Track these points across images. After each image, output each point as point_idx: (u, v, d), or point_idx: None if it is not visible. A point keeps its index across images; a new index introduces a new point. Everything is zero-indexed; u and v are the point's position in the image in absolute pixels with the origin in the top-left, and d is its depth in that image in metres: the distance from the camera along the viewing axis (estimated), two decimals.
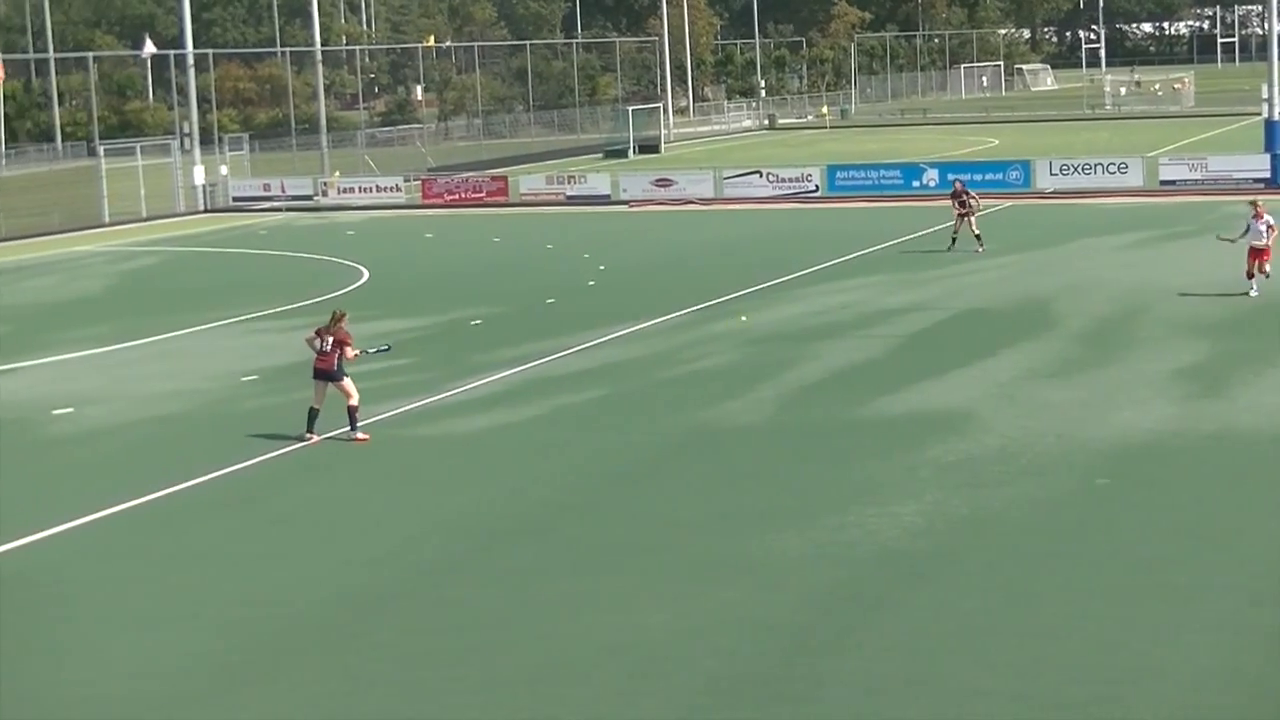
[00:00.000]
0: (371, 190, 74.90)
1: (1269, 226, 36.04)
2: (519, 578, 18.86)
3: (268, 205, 73.80)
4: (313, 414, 25.86)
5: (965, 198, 47.35)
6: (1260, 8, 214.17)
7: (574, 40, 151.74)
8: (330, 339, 25.48)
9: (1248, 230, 36.49)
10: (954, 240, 47.29)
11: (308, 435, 25.81)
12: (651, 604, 17.65)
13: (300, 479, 24.06)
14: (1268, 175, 61.86)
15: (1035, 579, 18.03)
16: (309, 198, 74.44)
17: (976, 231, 47.01)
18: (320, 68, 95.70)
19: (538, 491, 22.86)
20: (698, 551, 19.58)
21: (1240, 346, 31.04)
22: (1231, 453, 23.38)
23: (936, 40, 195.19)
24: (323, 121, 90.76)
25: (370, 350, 26.94)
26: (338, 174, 78.66)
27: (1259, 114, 78.34)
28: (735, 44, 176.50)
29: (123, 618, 17.93)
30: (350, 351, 25.66)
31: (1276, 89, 68.73)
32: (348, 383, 25.59)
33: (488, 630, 17.05)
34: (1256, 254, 36.19)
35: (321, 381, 25.66)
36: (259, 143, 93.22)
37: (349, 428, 25.84)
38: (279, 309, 41.08)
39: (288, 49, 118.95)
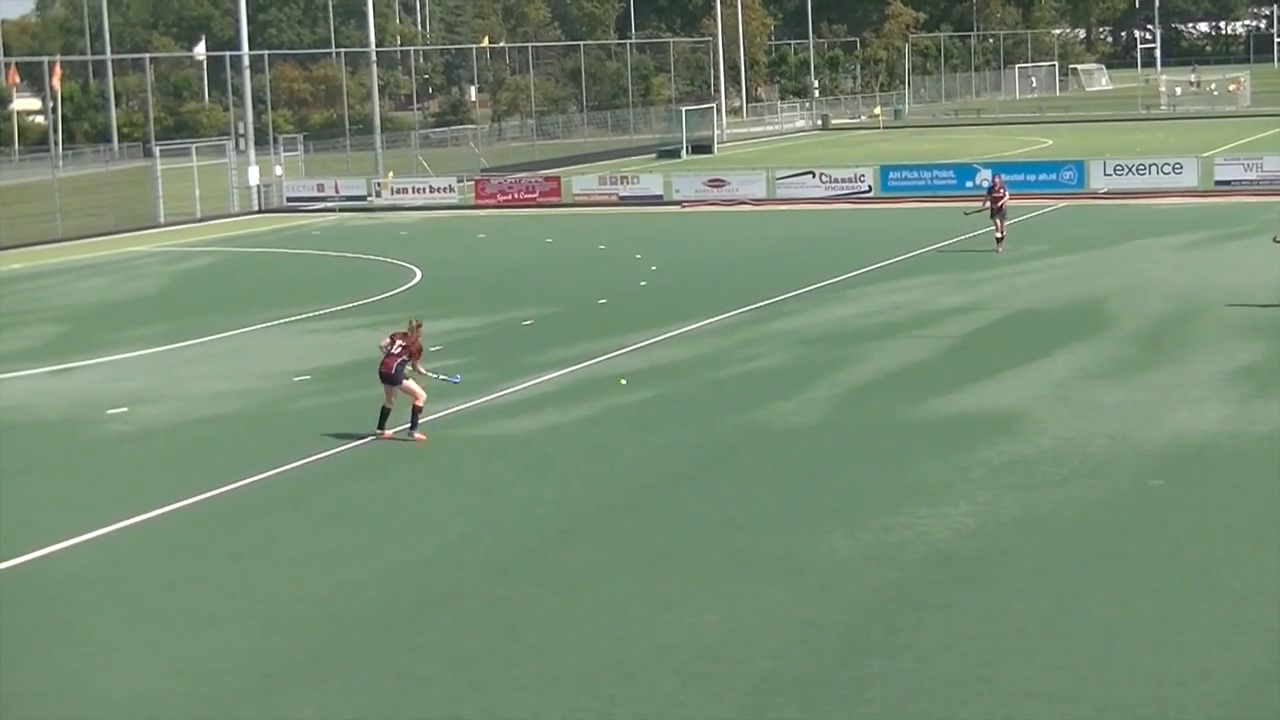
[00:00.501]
0: (425, 191, 75.12)
1: None
2: (572, 578, 18.88)
3: (321, 206, 74.07)
4: (384, 412, 26.01)
5: (1000, 194, 47.32)
6: None
7: (628, 41, 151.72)
8: (400, 343, 25.47)
9: None
10: (999, 240, 47.11)
11: (379, 432, 25.95)
12: (702, 604, 17.66)
13: (353, 478, 24.12)
14: None
15: (1086, 580, 17.97)
16: (362, 198, 74.73)
17: (1000, 235, 46.88)
18: (375, 68, 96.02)
19: (589, 491, 22.90)
20: (748, 552, 19.58)
21: None
22: None
23: (991, 40, 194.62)
24: (376, 122, 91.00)
25: (440, 378, 26.83)
26: (391, 174, 78.91)
27: None
28: (789, 44, 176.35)
29: (179, 615, 18.03)
30: (421, 366, 25.69)
31: None
32: (410, 384, 25.60)
33: (541, 630, 17.07)
34: None
35: (387, 385, 25.75)
36: (313, 143, 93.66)
37: (409, 425, 25.91)
38: (332, 309, 41.24)
39: (343, 50, 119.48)
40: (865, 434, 25.57)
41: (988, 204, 47.74)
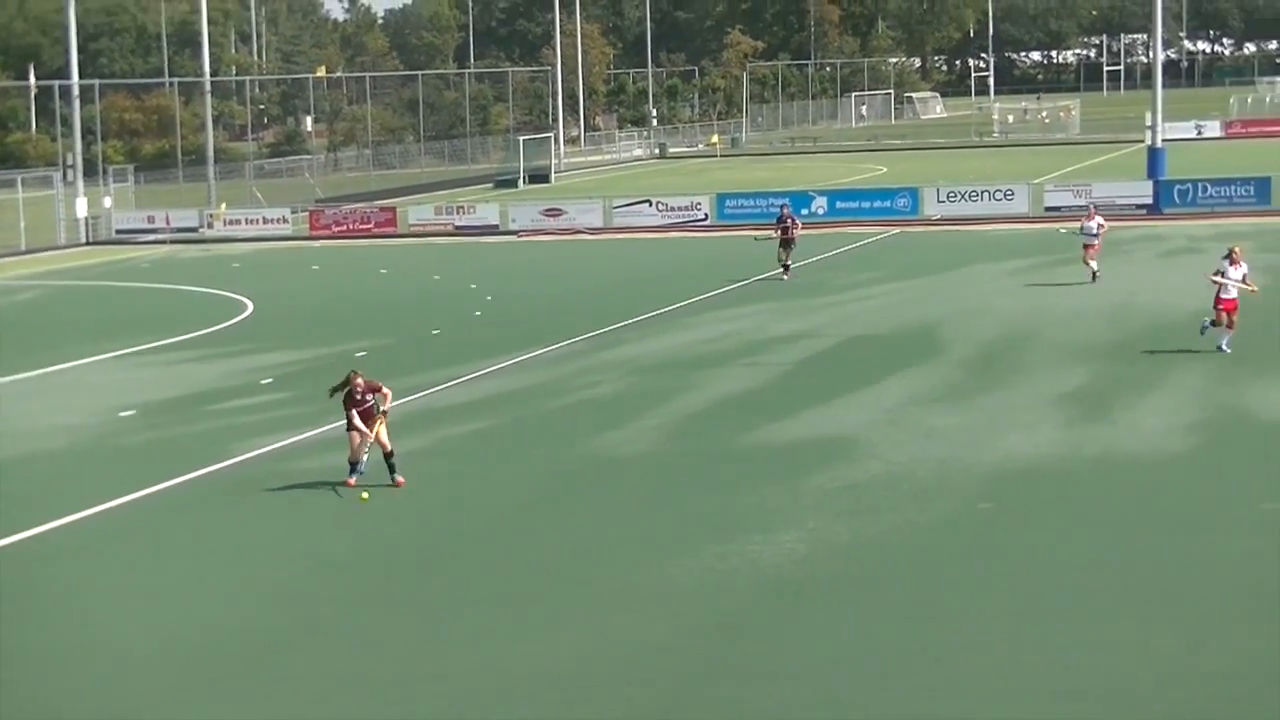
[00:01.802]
0: (258, 222, 74.41)
1: (1241, 273, 32.74)
2: (411, 614, 18.63)
3: (152, 238, 73.11)
4: (354, 464, 24.74)
5: (790, 224, 47.58)
6: (1145, 37, 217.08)
7: (467, 70, 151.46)
8: (362, 389, 24.31)
9: (1221, 275, 32.60)
10: (787, 268, 47.32)
11: (348, 481, 24.60)
12: (542, 635, 17.51)
13: (182, 515, 23.70)
14: (1150, 201, 62.59)
15: (917, 604, 18.00)
16: (194, 230, 73.86)
17: (788, 262, 47.18)
18: (209, 98, 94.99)
19: (429, 523, 22.68)
20: (585, 582, 19.48)
21: (1123, 371, 31.25)
22: (1113, 476, 23.50)
23: (828, 69, 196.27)
24: (210, 152, 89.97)
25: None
26: (224, 206, 78.04)
27: (1143, 141, 79.13)
28: (628, 73, 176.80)
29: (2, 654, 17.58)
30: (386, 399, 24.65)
31: (1159, 116, 69.46)
32: (382, 432, 24.46)
33: (391, 664, 16.83)
34: (1228, 304, 32.41)
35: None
36: (145, 174, 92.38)
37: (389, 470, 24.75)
38: (161, 343, 40.61)
39: (176, 79, 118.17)
40: (699, 462, 25.51)
41: (778, 233, 47.81)
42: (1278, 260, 45.52)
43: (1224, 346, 32.28)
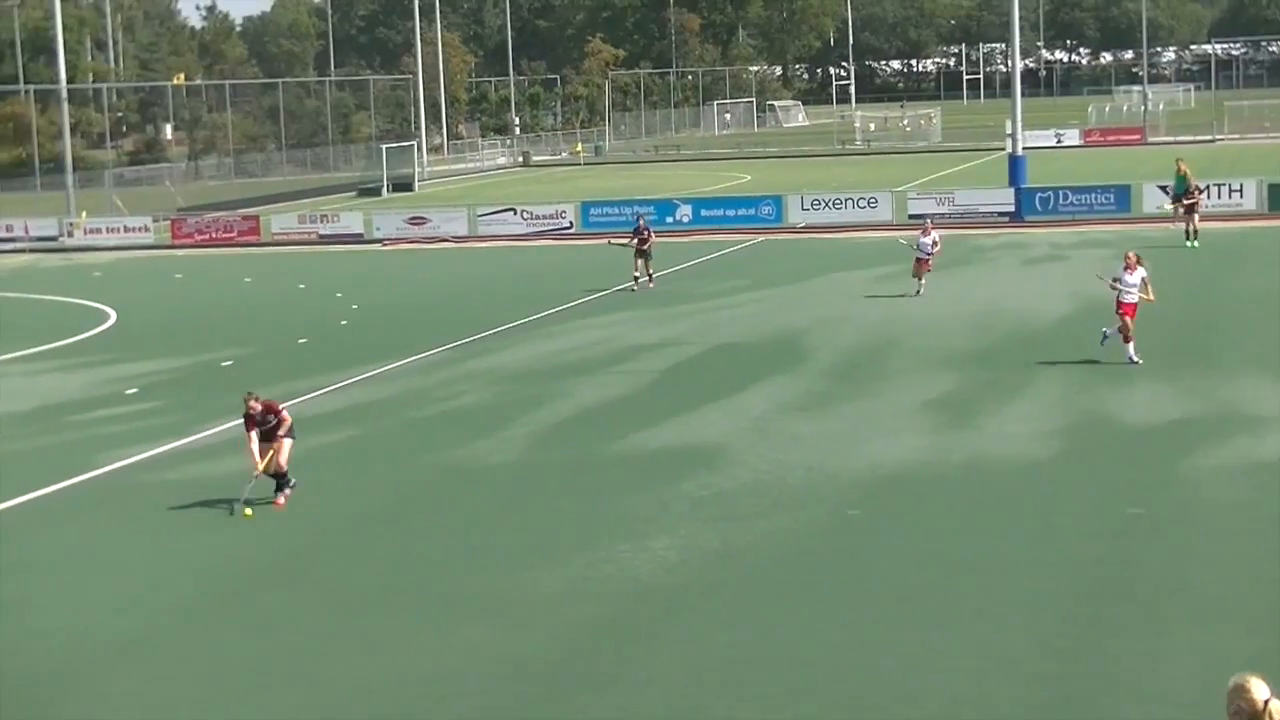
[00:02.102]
0: (119, 231, 73.55)
1: (1143, 280, 32.15)
2: (269, 621, 18.56)
3: (10, 247, 72.06)
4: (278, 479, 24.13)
5: (646, 236, 47.56)
6: (1003, 46, 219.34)
7: (327, 78, 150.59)
8: (260, 409, 23.84)
9: (1117, 281, 32.13)
10: (637, 279, 47.39)
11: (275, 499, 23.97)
12: (402, 644, 17.46)
13: (40, 526, 23.42)
14: (1012, 209, 63.22)
15: (787, 610, 18.12)
16: (54, 238, 72.90)
17: (639, 274, 47.36)
18: (66, 105, 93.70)
19: (287, 533, 22.54)
20: (450, 590, 19.44)
21: (987, 377, 31.57)
22: (979, 481, 23.75)
23: (690, 77, 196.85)
24: (69, 161, 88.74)
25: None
26: (84, 214, 77.10)
27: (1003, 149, 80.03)
28: (490, 81, 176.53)
29: None
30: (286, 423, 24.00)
31: (1020, 125, 70.27)
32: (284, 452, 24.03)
33: (237, 674, 16.72)
34: (1128, 308, 31.79)
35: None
36: (1, 183, 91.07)
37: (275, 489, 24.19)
38: (21, 353, 40.09)
39: (31, 86, 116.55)
40: (566, 470, 25.53)
41: (633, 242, 47.67)
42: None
43: (1133, 358, 31.61)
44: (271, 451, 23.71)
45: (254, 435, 23.76)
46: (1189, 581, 18.80)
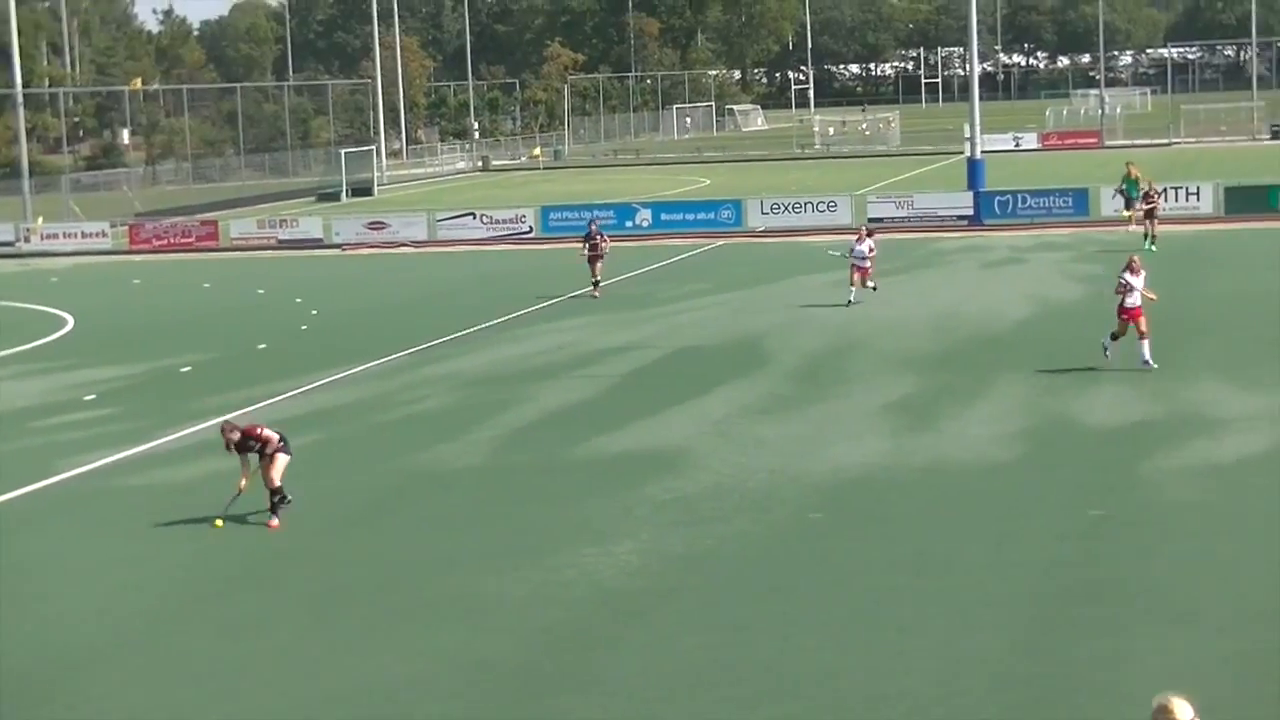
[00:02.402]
0: (77, 236, 73.21)
1: (1128, 285, 31.77)
2: (241, 626, 18.49)
3: None
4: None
5: (598, 241, 47.32)
6: (961, 50, 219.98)
7: (286, 83, 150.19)
8: (250, 441, 23.24)
9: (1127, 289, 31.66)
10: (596, 284, 47.07)
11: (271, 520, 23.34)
12: (372, 649, 17.44)
13: (7, 533, 23.29)
14: (971, 212, 63.38)
15: (751, 614, 18.14)
16: (10, 244, 72.53)
17: (598, 278, 46.98)
18: (21, 110, 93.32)
19: (256, 538, 22.45)
20: (418, 595, 19.41)
21: (948, 380, 31.63)
22: (941, 484, 23.80)
23: (649, 81, 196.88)
24: (24, 166, 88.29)
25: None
26: (40, 219, 76.75)
27: (962, 152, 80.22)
28: (449, 86, 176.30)
29: None
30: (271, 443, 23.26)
31: (978, 128, 70.44)
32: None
33: (211, 680, 16.67)
34: (1130, 314, 31.58)
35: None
36: None
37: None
38: None
39: None
40: (530, 474, 25.51)
41: (585, 248, 47.25)
42: (1097, 270, 46.25)
43: (1148, 360, 31.21)
44: (259, 469, 23.13)
45: (242, 457, 23.16)
46: (1152, 582, 18.90)
